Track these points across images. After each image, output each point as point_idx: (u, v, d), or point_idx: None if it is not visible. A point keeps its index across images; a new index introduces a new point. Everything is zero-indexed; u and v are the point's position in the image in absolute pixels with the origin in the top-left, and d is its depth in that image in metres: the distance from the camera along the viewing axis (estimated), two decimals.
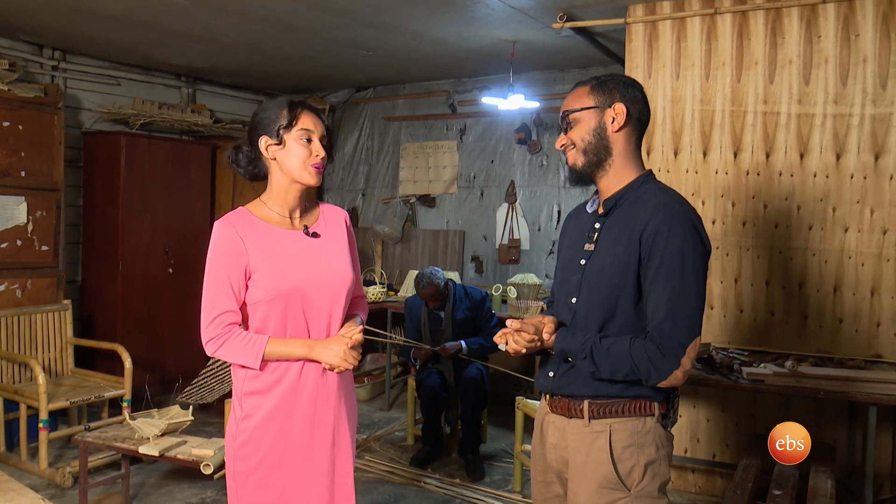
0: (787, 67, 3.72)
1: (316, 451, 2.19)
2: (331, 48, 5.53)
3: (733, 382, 3.31)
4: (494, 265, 6.66)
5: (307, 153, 2.12)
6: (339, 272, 2.19)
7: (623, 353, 1.85)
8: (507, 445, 4.94)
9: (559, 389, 2.00)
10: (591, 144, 1.97)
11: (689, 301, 1.83)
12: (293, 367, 2.14)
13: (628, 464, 1.90)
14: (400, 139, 7.20)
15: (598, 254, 1.97)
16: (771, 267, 3.82)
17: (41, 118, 5.04)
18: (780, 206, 3.78)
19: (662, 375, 1.83)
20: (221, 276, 2.08)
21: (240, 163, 2.20)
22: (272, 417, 2.13)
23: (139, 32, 5.10)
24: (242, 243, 2.08)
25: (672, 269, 1.84)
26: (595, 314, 1.94)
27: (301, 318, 2.13)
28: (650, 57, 4.03)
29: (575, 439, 1.96)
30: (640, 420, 1.92)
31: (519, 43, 5.15)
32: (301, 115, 2.12)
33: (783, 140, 3.75)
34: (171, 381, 5.77)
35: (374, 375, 6.34)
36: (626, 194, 1.97)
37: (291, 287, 2.10)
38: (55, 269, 5.17)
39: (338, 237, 2.26)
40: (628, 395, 1.91)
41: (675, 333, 1.82)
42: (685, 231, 1.86)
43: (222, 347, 2.08)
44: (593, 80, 2.00)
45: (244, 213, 2.16)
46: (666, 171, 4.01)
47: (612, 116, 1.95)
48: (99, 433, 3.74)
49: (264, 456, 2.13)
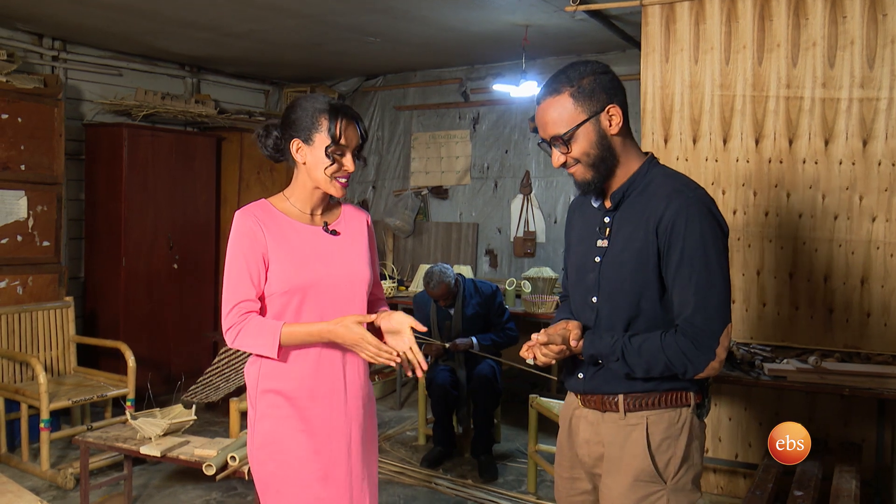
0: (810, 50, 3.69)
1: (337, 451, 2.19)
2: (338, 35, 5.54)
3: (755, 379, 3.29)
4: (509, 259, 6.67)
5: (336, 167, 2.13)
6: (357, 271, 2.22)
7: (656, 350, 1.87)
8: (521, 445, 4.94)
9: (592, 389, 2.01)
10: (598, 157, 1.92)
11: (716, 290, 1.85)
12: (308, 360, 2.15)
13: (665, 456, 1.92)
14: (411, 129, 7.22)
15: (613, 250, 1.96)
16: (795, 259, 3.80)
17: (41, 110, 5.10)
18: (804, 195, 3.75)
19: (699, 368, 1.85)
20: (240, 264, 2.12)
21: (267, 146, 2.21)
22: (291, 416, 2.15)
23: (141, 21, 5.14)
24: (262, 232, 2.12)
25: (695, 259, 1.84)
26: (619, 312, 1.95)
27: (316, 314, 2.15)
28: (667, 40, 4.01)
29: (610, 433, 1.98)
30: (676, 411, 1.94)
31: (532, 27, 5.14)
32: (343, 129, 2.10)
33: (807, 126, 3.72)
34: (176, 379, 5.83)
35: (384, 373, 6.36)
36: (633, 184, 1.96)
37: (306, 281, 2.13)
38: (57, 265, 5.23)
39: (358, 237, 2.29)
40: (664, 388, 1.93)
41: (706, 325, 1.84)
42: (702, 217, 1.86)
43: (240, 335, 2.10)
44: (567, 85, 1.90)
45: (265, 204, 2.20)
46: (685, 159, 3.99)
47: (608, 120, 1.91)
48: (100, 433, 3.78)
49: (284, 457, 2.15)
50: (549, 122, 1.92)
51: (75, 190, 5.90)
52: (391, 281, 6.00)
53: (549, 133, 1.93)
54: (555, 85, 1.92)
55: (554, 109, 1.91)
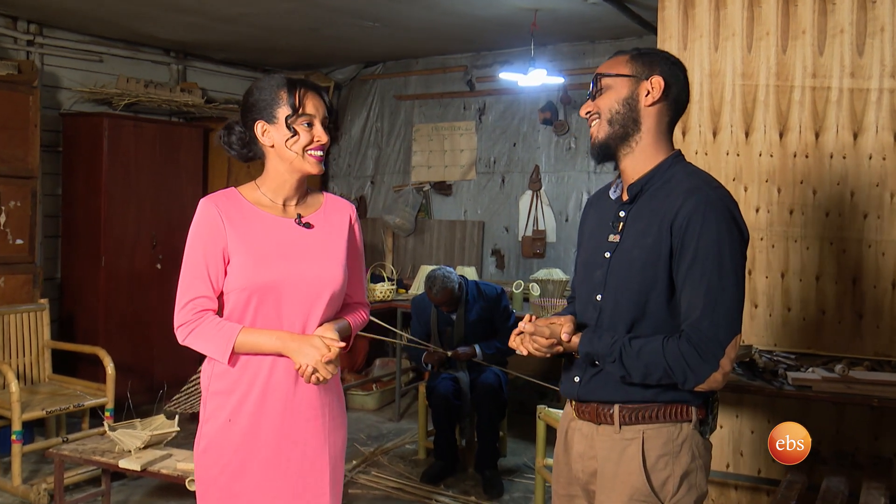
0: (838, 37, 3.71)
1: (283, 467, 2.19)
2: (334, 19, 5.58)
3: (778, 389, 3.31)
4: (517, 259, 6.70)
5: (308, 139, 2.14)
6: (326, 270, 2.19)
7: (656, 354, 1.87)
8: (528, 459, 4.97)
9: (587, 395, 2.02)
10: (618, 114, 1.98)
11: (727, 296, 1.86)
12: (262, 367, 2.15)
13: (662, 474, 1.92)
14: (412, 120, 7.25)
15: (624, 245, 1.98)
16: (821, 260, 3.81)
17: (14, 98, 5.14)
18: (832, 191, 3.76)
19: (700, 378, 1.85)
20: (198, 258, 2.14)
21: (232, 145, 2.23)
22: (236, 422, 2.15)
23: (124, 3, 5.19)
24: (222, 224, 2.13)
25: (708, 261, 1.85)
26: (623, 312, 1.96)
27: (273, 316, 2.14)
28: (686, 26, 4.03)
29: (604, 447, 1.98)
30: (676, 426, 1.94)
31: (541, 12, 5.17)
32: (305, 100, 2.13)
33: (834, 118, 3.73)
34: (159, 388, 5.86)
35: (383, 382, 6.40)
36: (652, 178, 1.99)
37: (266, 279, 2.12)
38: (31, 264, 5.27)
39: (336, 232, 2.26)
40: (663, 400, 1.93)
41: (713, 332, 1.84)
42: (720, 218, 1.87)
43: (192, 334, 2.12)
44: (635, 51, 2.03)
45: (233, 193, 2.21)
46: (704, 153, 4.01)
47: (647, 89, 1.97)
48: (76, 446, 3.82)
49: (226, 465, 2.16)
50: (602, 66, 2.05)
51: (52, 184, 5.94)
52: (390, 283, 6.03)
53: (596, 73, 2.05)
54: (630, 49, 2.06)
55: (612, 61, 2.05)
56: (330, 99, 2.22)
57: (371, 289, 5.89)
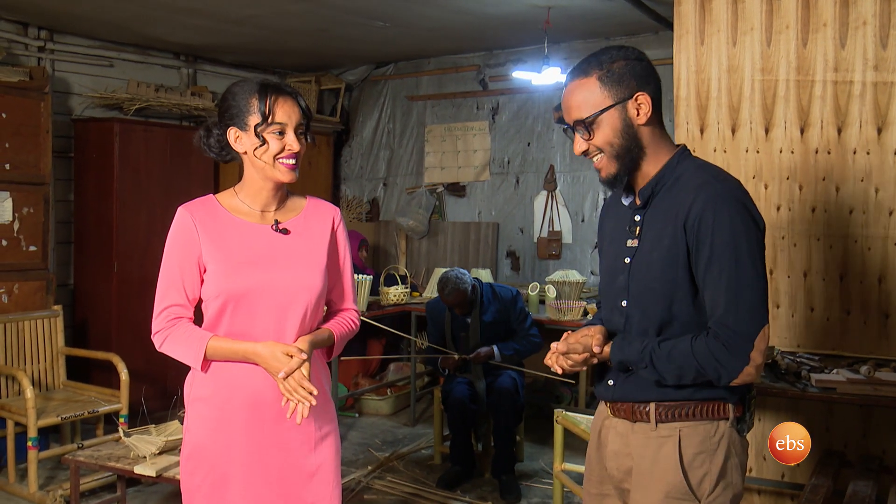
0: (860, 29, 3.65)
1: (265, 473, 2.18)
2: (344, 19, 5.57)
3: (801, 391, 3.26)
4: (532, 261, 6.66)
5: (278, 147, 2.12)
6: (303, 276, 2.18)
7: (686, 355, 1.87)
8: (545, 464, 4.94)
9: (622, 397, 2.02)
10: (622, 147, 1.95)
11: (749, 289, 1.85)
12: (240, 374, 2.16)
13: (699, 472, 1.92)
14: (425, 121, 7.23)
15: (643, 249, 1.98)
16: (846, 259, 3.76)
17: (26, 105, 5.15)
18: (855, 188, 3.71)
19: (733, 374, 1.85)
20: (173, 267, 2.16)
21: (211, 147, 2.23)
22: (215, 430, 2.16)
23: (133, 7, 5.19)
24: (196, 234, 2.14)
25: (725, 256, 1.85)
26: (651, 316, 1.96)
27: (246, 324, 2.15)
28: (703, 21, 3.98)
29: (640, 445, 1.99)
30: (713, 424, 1.94)
31: (554, 9, 5.14)
32: (275, 106, 2.12)
33: (857, 113, 3.68)
34: (172, 394, 5.86)
35: (398, 387, 6.37)
36: (662, 178, 1.97)
37: (239, 287, 2.12)
38: (44, 271, 5.28)
39: (316, 237, 2.25)
40: (699, 398, 1.93)
41: (739, 327, 1.84)
42: (732, 211, 1.86)
43: (166, 342, 2.16)
44: (596, 68, 1.94)
45: (210, 200, 2.22)
46: (723, 150, 3.96)
47: (635, 109, 1.93)
48: (92, 452, 3.81)
49: (208, 471, 2.17)
50: (574, 105, 1.96)
51: (64, 190, 5.96)
52: (403, 286, 6.00)
53: (572, 117, 1.96)
54: (584, 67, 1.96)
55: (579, 92, 1.95)
56: (306, 103, 2.19)
57: (384, 292, 5.87)
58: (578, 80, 1.95)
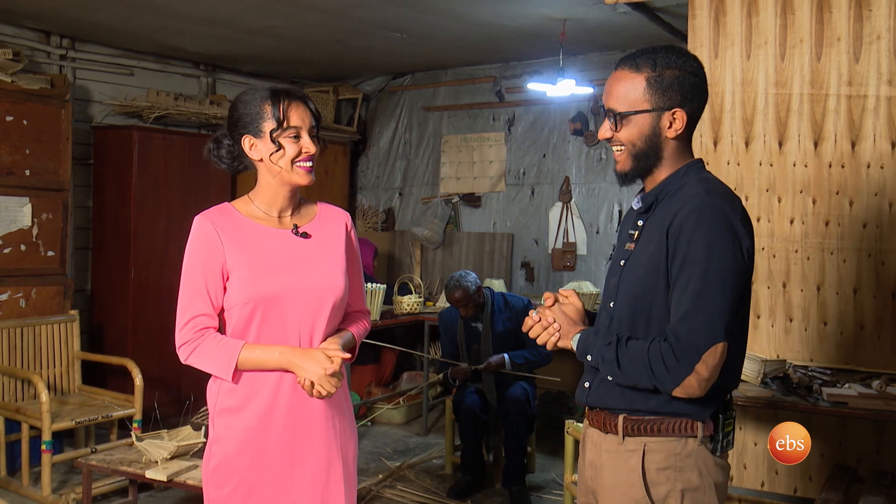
0: (874, 44, 3.66)
1: (297, 481, 2.18)
2: (361, 30, 5.61)
3: (812, 405, 3.25)
4: (547, 272, 6.67)
5: (295, 151, 2.14)
6: (328, 278, 2.20)
7: (641, 352, 1.89)
8: (556, 475, 4.93)
9: (596, 401, 2.04)
10: (642, 151, 1.98)
11: (710, 303, 1.84)
12: (268, 383, 2.14)
13: (662, 489, 1.92)
14: (441, 131, 7.27)
15: (635, 253, 2.01)
16: (859, 273, 3.75)
17: (47, 112, 5.22)
18: (869, 202, 3.70)
19: (676, 381, 1.85)
20: (196, 276, 2.14)
21: (222, 158, 2.25)
22: (245, 441, 2.15)
23: (154, 17, 5.26)
24: (220, 241, 2.13)
25: (695, 266, 1.85)
26: (630, 318, 1.98)
27: (278, 329, 2.14)
28: (717, 34, 4.00)
29: (608, 457, 2.00)
30: (681, 441, 1.93)
31: (570, 21, 5.16)
32: (290, 112, 2.14)
33: (871, 127, 3.68)
34: (185, 399, 5.91)
35: (410, 396, 6.39)
36: (666, 187, 2.00)
37: (268, 292, 2.12)
38: (62, 276, 5.34)
39: (333, 241, 2.27)
40: (667, 412, 1.93)
41: (690, 336, 1.84)
42: (714, 224, 1.86)
43: (194, 354, 2.13)
44: (649, 67, 1.94)
45: (227, 208, 2.22)
46: (736, 163, 3.97)
47: (669, 121, 1.95)
48: (104, 456, 3.86)
49: (238, 485, 2.16)
50: (615, 93, 1.97)
51: (82, 197, 6.03)
52: (417, 295, 6.03)
53: (608, 103, 1.99)
54: (638, 60, 1.96)
55: (625, 84, 1.96)
56: (315, 107, 2.21)
57: (398, 301, 5.89)
58: (629, 71, 1.96)
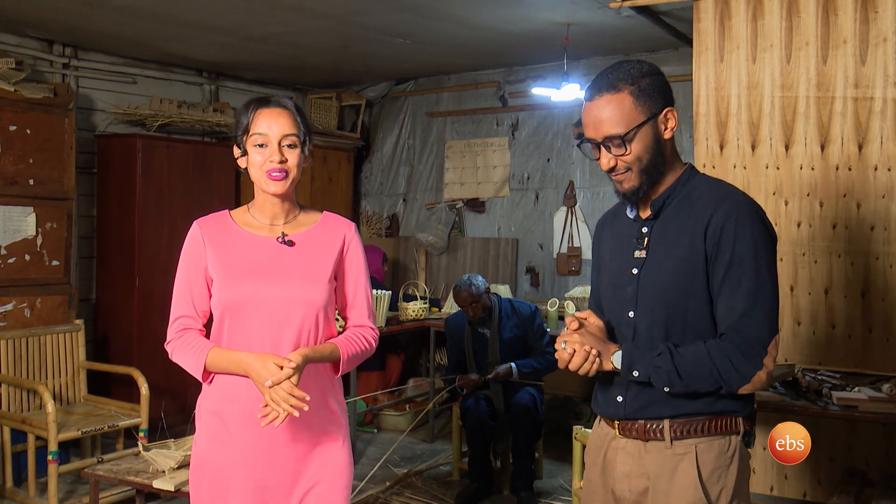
0: (881, 46, 3.65)
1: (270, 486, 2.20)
2: (365, 36, 5.62)
3: (822, 409, 3.25)
4: (552, 277, 6.66)
5: (260, 158, 2.16)
6: (299, 289, 2.18)
7: (701, 356, 1.89)
8: (564, 481, 4.92)
9: (635, 414, 2.01)
10: (651, 162, 1.98)
11: (766, 297, 1.90)
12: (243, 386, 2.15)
13: (717, 487, 1.95)
14: (445, 137, 7.27)
15: (653, 259, 2.00)
16: (867, 276, 3.74)
17: (50, 121, 5.23)
18: (877, 205, 3.70)
19: (745, 379, 1.89)
20: (182, 279, 2.25)
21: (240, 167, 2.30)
22: (216, 440, 2.21)
23: (156, 25, 5.27)
24: (203, 247, 2.21)
25: (745, 263, 1.89)
26: (661, 325, 1.97)
27: (243, 335, 2.17)
28: (722, 37, 4.00)
29: (655, 464, 1.99)
30: (726, 439, 1.97)
31: (574, 26, 5.16)
32: (255, 119, 2.16)
33: (878, 129, 3.67)
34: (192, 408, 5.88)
35: (416, 402, 6.38)
36: (674, 191, 2.01)
37: (232, 297, 2.16)
38: (66, 285, 5.34)
39: (323, 251, 2.25)
40: (713, 412, 1.95)
41: (755, 332, 1.88)
42: (753, 222, 1.92)
43: (175, 352, 2.23)
44: (626, 83, 1.95)
45: (223, 215, 2.29)
46: (743, 167, 3.96)
47: (664, 124, 1.98)
48: (111, 466, 3.84)
49: (212, 482, 2.21)
50: (605, 120, 1.95)
51: (86, 205, 6.03)
52: (422, 301, 6.02)
53: (602, 133, 1.95)
54: (612, 81, 1.96)
55: (612, 107, 1.94)
56: (296, 117, 2.20)
57: (404, 307, 5.89)
58: (609, 95, 1.95)
